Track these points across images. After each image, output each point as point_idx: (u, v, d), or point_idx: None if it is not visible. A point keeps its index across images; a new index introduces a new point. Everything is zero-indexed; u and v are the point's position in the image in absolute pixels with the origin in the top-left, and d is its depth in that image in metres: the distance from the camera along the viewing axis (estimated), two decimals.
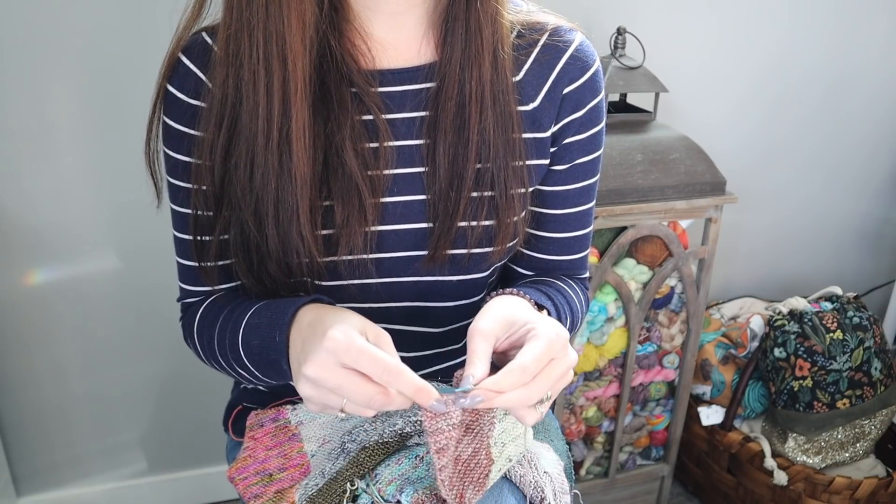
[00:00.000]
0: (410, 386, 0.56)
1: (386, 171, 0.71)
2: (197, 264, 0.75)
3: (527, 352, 0.58)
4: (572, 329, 0.79)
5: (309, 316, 0.63)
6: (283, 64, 0.63)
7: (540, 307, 0.71)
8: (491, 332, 0.61)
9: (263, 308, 0.69)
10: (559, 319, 0.73)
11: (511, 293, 0.69)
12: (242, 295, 0.77)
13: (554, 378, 0.59)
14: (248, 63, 0.64)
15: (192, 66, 0.71)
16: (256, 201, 0.68)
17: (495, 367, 0.60)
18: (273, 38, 0.63)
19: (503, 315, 0.62)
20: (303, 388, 0.58)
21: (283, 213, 0.67)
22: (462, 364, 0.86)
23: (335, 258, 0.71)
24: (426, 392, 0.56)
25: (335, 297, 0.75)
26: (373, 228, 0.71)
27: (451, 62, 0.68)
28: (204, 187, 0.71)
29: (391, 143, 0.71)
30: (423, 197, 0.72)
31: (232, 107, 0.67)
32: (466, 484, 0.61)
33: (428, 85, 0.71)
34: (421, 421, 0.64)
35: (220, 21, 0.69)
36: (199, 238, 0.74)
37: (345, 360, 0.56)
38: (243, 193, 0.68)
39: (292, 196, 0.67)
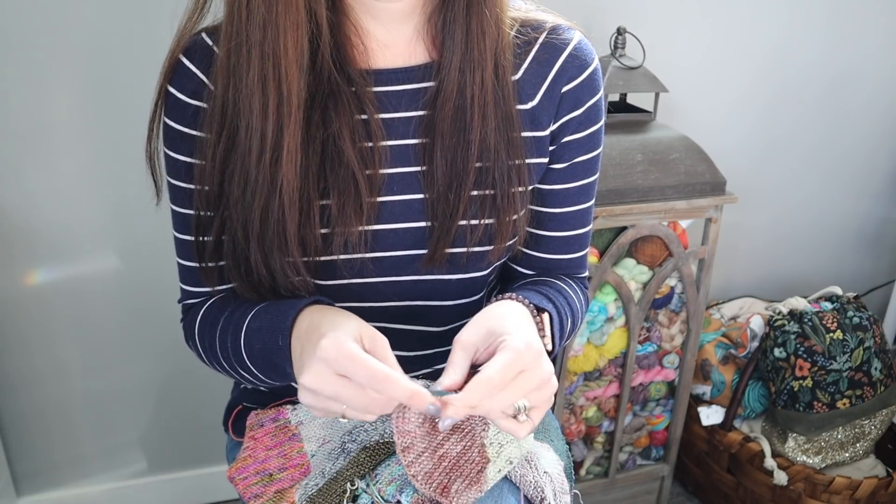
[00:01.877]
0: (403, 392, 0.56)
1: (382, 171, 0.71)
2: (197, 265, 0.76)
3: (492, 363, 0.58)
4: (573, 329, 0.79)
5: (307, 320, 0.64)
6: (279, 86, 0.64)
7: (540, 310, 0.71)
8: (471, 343, 0.61)
9: (263, 311, 0.69)
10: (560, 321, 0.73)
11: (510, 297, 0.69)
12: (242, 296, 0.77)
13: (524, 389, 0.59)
14: (246, 80, 0.64)
15: (192, 68, 0.71)
16: (245, 213, 0.68)
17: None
18: (270, 61, 0.63)
19: (486, 326, 0.63)
20: (303, 397, 0.59)
21: (268, 230, 0.68)
22: None
23: (333, 257, 0.71)
24: (420, 396, 0.56)
25: (334, 296, 0.75)
26: (371, 227, 0.72)
27: (450, 66, 0.69)
28: (206, 187, 0.71)
29: (386, 143, 0.71)
30: (420, 196, 0.72)
31: (231, 117, 0.67)
32: (453, 478, 0.62)
33: (424, 85, 0.71)
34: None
35: (220, 23, 0.69)
36: (200, 238, 0.74)
37: (337, 368, 0.57)
38: (235, 204, 0.68)
39: (279, 213, 0.67)
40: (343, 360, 0.56)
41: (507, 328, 0.62)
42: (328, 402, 0.58)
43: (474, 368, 0.62)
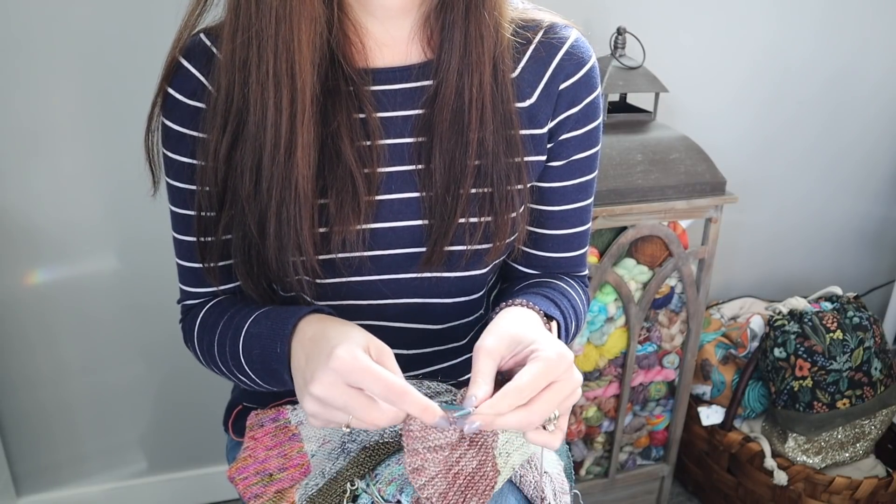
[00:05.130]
0: (416, 405, 0.56)
1: (380, 169, 0.71)
2: (197, 266, 0.76)
3: (524, 373, 0.58)
4: (577, 331, 0.80)
5: (311, 329, 0.63)
6: (292, 81, 0.63)
7: (549, 317, 0.71)
8: (496, 350, 0.61)
9: (263, 317, 0.69)
10: (566, 326, 0.73)
11: (521, 304, 0.69)
12: (242, 300, 0.77)
13: (557, 400, 0.59)
14: (257, 74, 0.64)
15: (192, 69, 0.71)
16: (260, 209, 0.68)
17: (502, 384, 0.60)
18: (283, 57, 0.63)
19: (509, 332, 0.62)
20: (309, 406, 0.59)
21: (284, 223, 0.68)
22: (462, 363, 0.86)
23: (332, 255, 0.71)
24: (431, 411, 0.56)
25: (333, 295, 0.75)
26: (369, 226, 0.72)
27: (448, 69, 0.69)
28: (207, 188, 0.71)
29: (384, 142, 0.71)
30: (418, 195, 0.73)
31: (237, 112, 0.67)
32: (469, 497, 0.61)
33: (422, 84, 0.71)
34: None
35: (219, 23, 0.69)
36: (202, 239, 0.74)
37: (349, 379, 0.57)
38: (248, 200, 0.68)
39: (294, 207, 0.67)
40: (357, 371, 0.56)
41: (534, 336, 0.62)
42: (334, 412, 0.58)
43: (498, 375, 0.62)
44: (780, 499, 1.44)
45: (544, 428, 0.60)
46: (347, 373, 0.56)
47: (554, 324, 0.71)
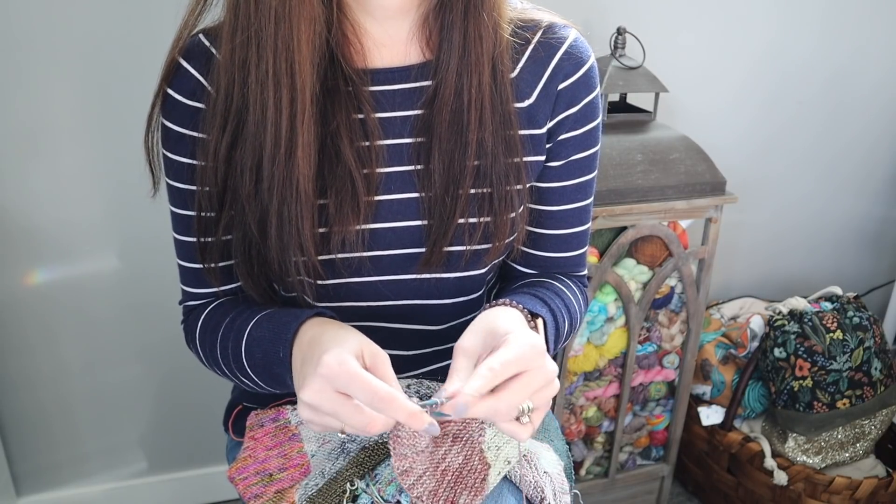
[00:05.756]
0: (403, 412, 0.55)
1: (379, 169, 0.71)
2: (198, 266, 0.76)
3: (495, 356, 0.58)
4: (571, 330, 0.79)
5: (309, 333, 0.64)
6: (292, 81, 0.63)
7: (535, 315, 0.71)
8: (472, 348, 0.61)
9: (265, 320, 0.69)
10: (556, 324, 0.73)
11: (504, 303, 0.69)
12: (244, 301, 0.77)
13: (529, 389, 0.58)
14: (256, 74, 0.64)
15: (191, 70, 0.71)
16: (261, 208, 0.68)
17: None
18: (283, 56, 0.63)
19: (484, 329, 0.63)
20: (303, 412, 0.59)
21: (286, 222, 0.68)
22: None
23: (332, 256, 0.71)
24: (419, 417, 0.56)
25: (333, 295, 0.75)
26: (369, 226, 0.72)
27: (447, 69, 0.69)
28: (207, 188, 0.71)
29: (383, 142, 0.71)
30: (418, 195, 0.73)
31: (237, 112, 0.67)
32: (459, 491, 0.61)
33: (421, 84, 0.71)
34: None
35: (218, 23, 0.69)
36: (202, 239, 0.74)
37: (337, 385, 0.56)
38: (248, 199, 0.68)
39: (296, 206, 0.67)
40: (344, 377, 0.56)
41: (508, 328, 0.62)
42: (327, 418, 0.58)
43: None
44: (780, 499, 1.44)
45: (518, 420, 0.59)
46: (334, 378, 0.56)
47: (540, 321, 0.71)
